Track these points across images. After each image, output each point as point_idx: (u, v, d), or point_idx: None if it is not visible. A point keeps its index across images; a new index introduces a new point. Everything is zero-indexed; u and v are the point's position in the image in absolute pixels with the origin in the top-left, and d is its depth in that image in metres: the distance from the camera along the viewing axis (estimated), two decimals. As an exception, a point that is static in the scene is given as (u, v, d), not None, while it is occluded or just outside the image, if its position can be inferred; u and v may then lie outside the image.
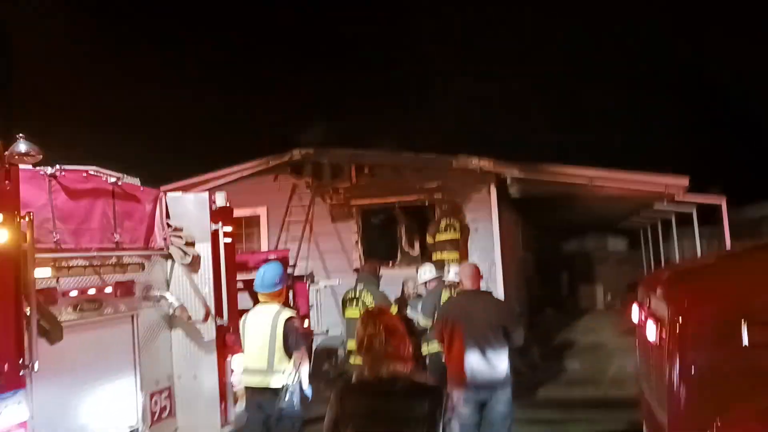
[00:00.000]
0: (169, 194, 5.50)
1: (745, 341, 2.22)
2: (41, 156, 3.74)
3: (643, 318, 3.24)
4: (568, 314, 17.64)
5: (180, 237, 5.32)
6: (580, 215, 17.88)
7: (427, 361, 7.18)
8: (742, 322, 2.23)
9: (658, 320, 2.89)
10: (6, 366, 3.29)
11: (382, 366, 2.49)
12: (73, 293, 4.34)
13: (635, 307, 3.53)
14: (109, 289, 4.67)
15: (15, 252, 3.42)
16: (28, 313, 3.50)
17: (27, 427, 3.41)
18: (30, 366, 3.42)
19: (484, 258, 9.61)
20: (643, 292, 3.43)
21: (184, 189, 8.97)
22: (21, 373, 3.38)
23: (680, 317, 2.59)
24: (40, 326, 3.60)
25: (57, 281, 4.18)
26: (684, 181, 10.37)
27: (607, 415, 7.22)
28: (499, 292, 9.71)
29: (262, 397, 4.92)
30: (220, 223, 5.49)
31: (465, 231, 9.95)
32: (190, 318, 5.27)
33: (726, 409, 2.26)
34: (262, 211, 11.41)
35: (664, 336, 2.72)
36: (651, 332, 3.01)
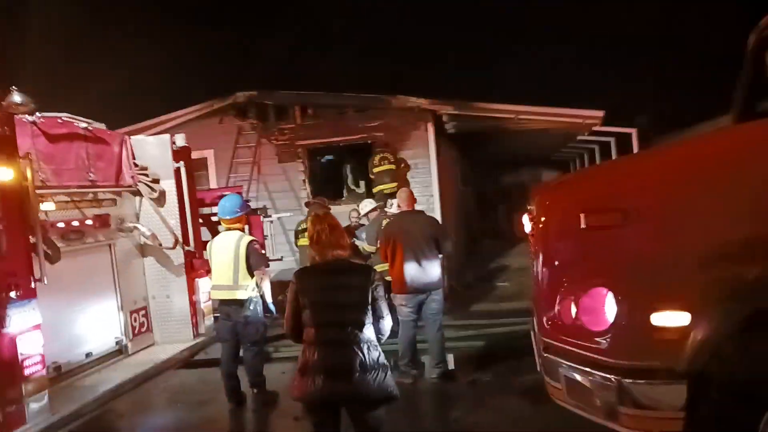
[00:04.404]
0: (133, 137, 6.10)
1: (582, 225, 3.15)
2: (33, 106, 4.31)
3: (527, 222, 4.19)
4: (504, 243, 18.99)
5: (146, 175, 5.97)
6: (515, 149, 19.02)
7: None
8: (581, 212, 3.15)
9: (532, 220, 3.85)
10: (21, 280, 4.01)
11: (327, 252, 3.39)
12: (60, 225, 5.02)
13: (525, 216, 4.45)
14: (88, 222, 5.37)
15: (19, 188, 4.08)
16: (33, 240, 4.19)
17: (40, 328, 4.16)
18: (41, 280, 4.13)
19: (424, 193, 10.31)
20: (528, 202, 4.38)
21: (131, 133, 9.25)
22: (33, 286, 4.10)
23: (541, 213, 3.55)
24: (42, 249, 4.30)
25: (46, 215, 4.82)
26: (599, 114, 11.48)
27: (526, 319, 8.35)
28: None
29: (229, 308, 5.77)
30: (182, 162, 6.15)
31: (400, 163, 10.54)
32: (160, 245, 6.00)
33: (572, 280, 3.20)
34: (209, 154, 11.49)
35: (534, 231, 3.69)
36: (528, 230, 3.98)
